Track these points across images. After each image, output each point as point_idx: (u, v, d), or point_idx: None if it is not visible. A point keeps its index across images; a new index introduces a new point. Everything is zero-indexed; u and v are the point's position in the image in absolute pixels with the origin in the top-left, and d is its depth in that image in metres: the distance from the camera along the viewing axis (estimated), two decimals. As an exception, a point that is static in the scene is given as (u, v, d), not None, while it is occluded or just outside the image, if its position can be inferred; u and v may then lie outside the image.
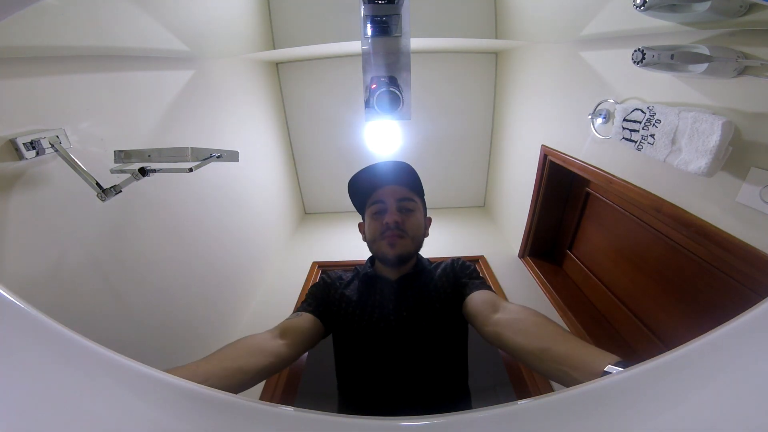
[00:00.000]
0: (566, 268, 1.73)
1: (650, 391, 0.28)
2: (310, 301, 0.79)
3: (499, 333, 0.59)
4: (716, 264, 0.90)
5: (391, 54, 1.03)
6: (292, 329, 0.68)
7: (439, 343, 0.73)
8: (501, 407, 0.30)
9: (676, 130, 0.82)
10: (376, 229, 0.80)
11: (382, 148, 2.23)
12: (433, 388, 0.69)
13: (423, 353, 0.70)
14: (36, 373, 0.29)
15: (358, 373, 0.74)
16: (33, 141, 0.68)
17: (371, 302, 0.76)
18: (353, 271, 0.88)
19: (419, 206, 0.83)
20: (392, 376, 0.69)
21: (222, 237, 1.43)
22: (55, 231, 0.74)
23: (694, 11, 0.75)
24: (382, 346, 0.71)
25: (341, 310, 0.76)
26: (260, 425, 0.30)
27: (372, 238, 0.81)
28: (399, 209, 0.79)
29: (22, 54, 0.69)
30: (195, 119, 1.28)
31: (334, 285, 0.83)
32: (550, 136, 1.58)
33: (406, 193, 0.81)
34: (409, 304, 0.74)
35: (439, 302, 0.75)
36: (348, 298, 0.78)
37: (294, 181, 2.55)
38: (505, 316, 0.62)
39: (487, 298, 0.69)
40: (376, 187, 0.82)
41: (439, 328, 0.73)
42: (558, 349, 0.49)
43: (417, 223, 0.81)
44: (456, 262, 0.84)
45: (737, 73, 0.73)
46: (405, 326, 0.72)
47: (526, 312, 0.61)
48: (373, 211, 0.81)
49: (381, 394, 0.69)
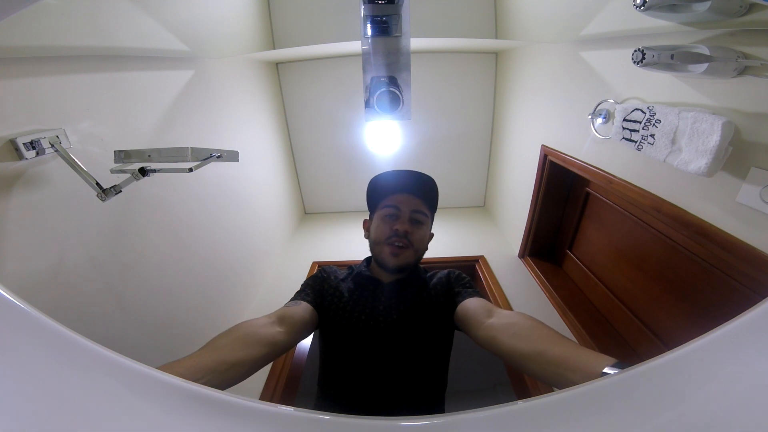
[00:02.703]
0: (566, 268, 1.73)
1: (650, 391, 0.28)
2: (308, 291, 0.79)
3: (494, 336, 0.59)
4: (716, 264, 0.90)
5: (391, 54, 1.03)
6: (289, 317, 0.68)
7: (425, 349, 0.73)
8: (501, 407, 0.30)
9: (676, 130, 0.82)
10: (383, 232, 0.81)
11: (382, 148, 2.23)
12: (411, 394, 0.69)
13: (408, 357, 0.71)
14: (36, 373, 0.29)
15: (340, 369, 0.74)
16: (33, 141, 0.68)
17: (362, 301, 0.77)
18: (348, 269, 0.88)
19: (428, 221, 0.85)
20: (374, 375, 0.69)
21: (222, 237, 1.43)
22: (55, 231, 0.74)
23: (694, 11, 0.75)
24: (367, 344, 0.71)
25: (332, 305, 0.77)
26: (260, 425, 0.30)
27: (377, 239, 0.82)
28: (410, 219, 0.80)
29: (22, 54, 0.69)
30: (195, 119, 1.28)
31: (329, 279, 0.83)
32: (550, 136, 1.58)
33: (420, 206, 0.82)
34: (400, 308, 0.75)
35: (431, 310, 0.75)
36: (340, 293, 0.79)
37: (294, 181, 2.55)
38: (499, 320, 0.62)
39: (481, 304, 0.70)
40: (395, 191, 0.83)
41: (427, 335, 0.73)
42: (554, 352, 0.48)
43: (423, 236, 0.83)
44: (452, 273, 0.85)
45: (737, 73, 0.73)
46: (393, 329, 0.72)
47: (521, 316, 0.61)
48: (386, 214, 0.82)
49: (360, 391, 0.69)
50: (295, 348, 1.46)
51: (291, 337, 0.65)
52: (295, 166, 2.56)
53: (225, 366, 0.50)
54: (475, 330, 0.64)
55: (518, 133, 1.99)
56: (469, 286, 0.80)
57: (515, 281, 1.77)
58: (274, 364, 1.33)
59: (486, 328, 0.62)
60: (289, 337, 0.64)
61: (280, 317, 0.67)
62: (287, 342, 0.64)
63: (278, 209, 2.19)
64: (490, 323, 0.62)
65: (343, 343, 0.73)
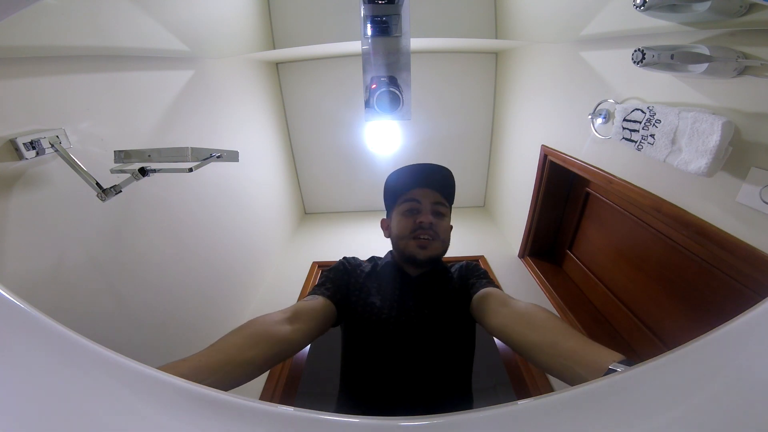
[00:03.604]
0: (566, 268, 1.73)
1: (649, 391, 0.28)
2: (329, 285, 0.75)
3: (506, 325, 0.59)
4: (716, 264, 0.90)
5: (391, 54, 1.03)
6: (305, 313, 0.65)
7: (456, 343, 0.73)
8: (501, 407, 0.30)
9: (676, 130, 0.82)
10: (406, 226, 0.79)
11: (382, 148, 2.23)
12: (443, 388, 0.69)
13: (440, 352, 0.70)
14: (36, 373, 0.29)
15: (369, 366, 0.72)
16: (33, 141, 0.68)
17: (392, 296, 0.75)
18: (370, 260, 0.87)
19: (449, 213, 0.85)
20: (404, 372, 0.68)
21: (222, 237, 1.43)
22: (55, 231, 0.74)
23: (694, 11, 0.75)
24: (401, 341, 0.70)
25: (360, 300, 0.75)
26: (260, 425, 0.30)
27: (400, 234, 0.80)
28: (433, 212, 0.79)
29: (22, 54, 0.69)
30: (195, 119, 1.28)
31: (354, 272, 0.81)
32: (550, 136, 1.58)
33: (440, 199, 0.82)
34: (431, 303, 0.74)
35: (458, 304, 0.75)
36: (368, 289, 0.77)
37: (294, 181, 2.55)
38: (513, 310, 0.62)
39: (496, 294, 0.69)
40: (413, 186, 0.82)
41: (456, 329, 0.73)
42: (566, 344, 0.48)
43: (447, 227, 0.83)
44: (469, 264, 0.85)
45: (737, 73, 0.73)
46: (426, 324, 0.71)
47: (535, 307, 0.61)
48: (406, 209, 0.80)
49: (389, 388, 0.69)
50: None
51: (305, 335, 0.62)
52: (295, 166, 2.56)
53: (232, 365, 0.50)
54: (489, 319, 0.64)
55: (518, 133, 1.99)
56: (483, 276, 0.79)
57: (515, 281, 1.77)
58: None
59: (499, 317, 0.62)
60: (302, 335, 0.61)
61: (295, 313, 0.63)
62: (301, 340, 0.61)
63: (278, 209, 2.19)
64: (504, 313, 0.62)
65: (374, 339, 0.71)
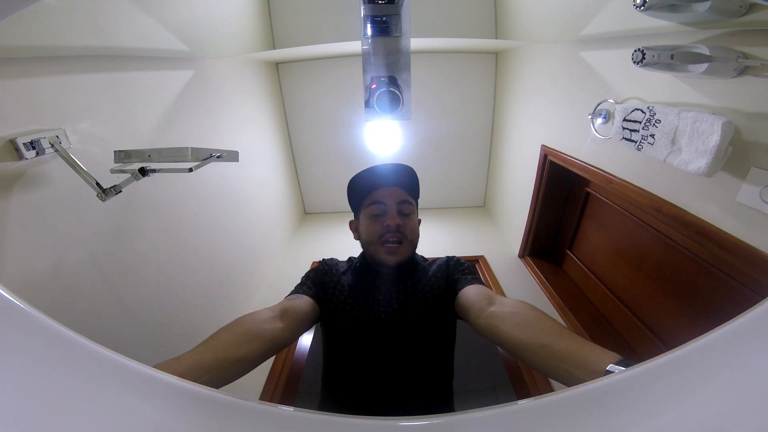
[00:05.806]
0: (566, 268, 1.73)
1: (649, 391, 0.28)
2: (310, 284, 0.78)
3: (495, 326, 0.57)
4: (716, 264, 0.90)
5: (391, 54, 1.03)
6: (292, 311, 0.67)
7: (429, 339, 0.72)
8: (501, 407, 0.30)
9: (676, 130, 0.82)
10: (375, 231, 0.78)
11: (382, 148, 2.23)
12: (419, 385, 0.69)
13: (412, 348, 0.70)
14: (36, 373, 0.29)
15: (344, 364, 0.73)
16: (33, 141, 0.68)
17: (363, 293, 0.76)
18: (348, 261, 0.88)
19: (415, 210, 0.83)
20: (380, 368, 0.68)
21: (222, 237, 1.43)
22: (55, 231, 0.74)
23: (694, 11, 0.75)
24: (369, 337, 0.70)
25: (333, 298, 0.76)
26: (260, 425, 0.30)
27: (369, 239, 0.80)
28: (398, 212, 0.79)
29: (22, 54, 0.69)
30: (195, 119, 1.28)
31: (330, 272, 0.83)
32: (550, 136, 1.58)
33: (405, 196, 0.80)
34: (400, 298, 0.74)
35: (432, 299, 0.74)
36: (342, 286, 0.78)
37: (294, 181, 2.55)
38: (501, 309, 0.60)
39: (481, 291, 0.68)
40: (376, 187, 0.81)
41: (430, 324, 0.72)
42: (559, 346, 0.47)
43: (414, 226, 0.82)
44: (451, 259, 0.84)
45: (737, 73, 0.73)
46: (396, 320, 0.71)
47: (524, 306, 0.59)
48: (372, 212, 0.80)
49: (365, 386, 0.69)
50: (296, 347, 1.46)
51: (293, 332, 0.65)
52: (295, 166, 2.56)
53: (227, 363, 0.50)
54: (476, 318, 0.63)
55: (518, 133, 1.99)
56: (468, 272, 0.78)
57: (515, 281, 1.77)
58: (274, 364, 1.33)
59: (487, 317, 0.60)
60: (291, 333, 0.64)
61: (283, 311, 0.66)
62: (289, 338, 0.64)
63: (278, 209, 2.19)
64: (491, 311, 0.60)
65: (346, 337, 0.72)
